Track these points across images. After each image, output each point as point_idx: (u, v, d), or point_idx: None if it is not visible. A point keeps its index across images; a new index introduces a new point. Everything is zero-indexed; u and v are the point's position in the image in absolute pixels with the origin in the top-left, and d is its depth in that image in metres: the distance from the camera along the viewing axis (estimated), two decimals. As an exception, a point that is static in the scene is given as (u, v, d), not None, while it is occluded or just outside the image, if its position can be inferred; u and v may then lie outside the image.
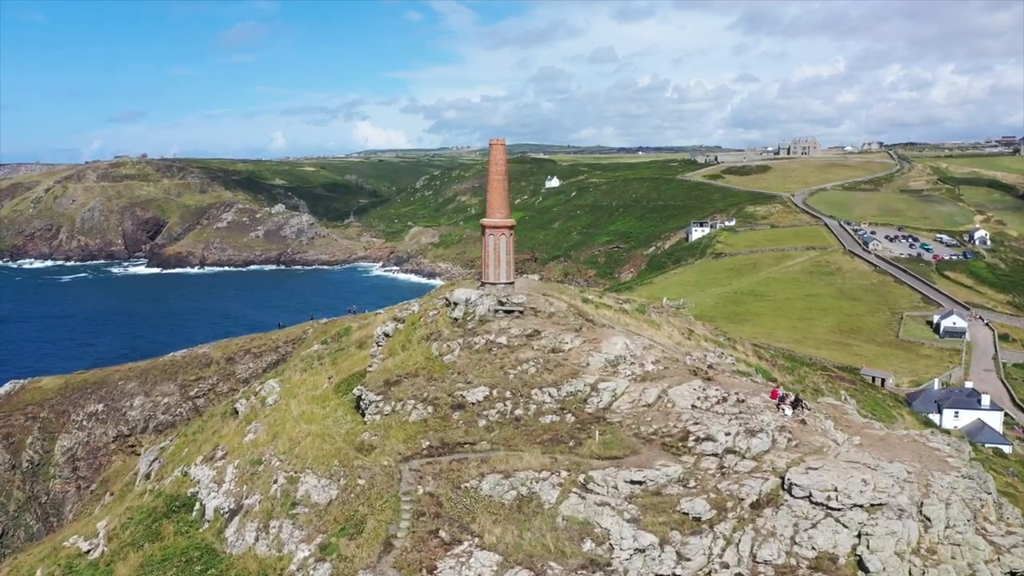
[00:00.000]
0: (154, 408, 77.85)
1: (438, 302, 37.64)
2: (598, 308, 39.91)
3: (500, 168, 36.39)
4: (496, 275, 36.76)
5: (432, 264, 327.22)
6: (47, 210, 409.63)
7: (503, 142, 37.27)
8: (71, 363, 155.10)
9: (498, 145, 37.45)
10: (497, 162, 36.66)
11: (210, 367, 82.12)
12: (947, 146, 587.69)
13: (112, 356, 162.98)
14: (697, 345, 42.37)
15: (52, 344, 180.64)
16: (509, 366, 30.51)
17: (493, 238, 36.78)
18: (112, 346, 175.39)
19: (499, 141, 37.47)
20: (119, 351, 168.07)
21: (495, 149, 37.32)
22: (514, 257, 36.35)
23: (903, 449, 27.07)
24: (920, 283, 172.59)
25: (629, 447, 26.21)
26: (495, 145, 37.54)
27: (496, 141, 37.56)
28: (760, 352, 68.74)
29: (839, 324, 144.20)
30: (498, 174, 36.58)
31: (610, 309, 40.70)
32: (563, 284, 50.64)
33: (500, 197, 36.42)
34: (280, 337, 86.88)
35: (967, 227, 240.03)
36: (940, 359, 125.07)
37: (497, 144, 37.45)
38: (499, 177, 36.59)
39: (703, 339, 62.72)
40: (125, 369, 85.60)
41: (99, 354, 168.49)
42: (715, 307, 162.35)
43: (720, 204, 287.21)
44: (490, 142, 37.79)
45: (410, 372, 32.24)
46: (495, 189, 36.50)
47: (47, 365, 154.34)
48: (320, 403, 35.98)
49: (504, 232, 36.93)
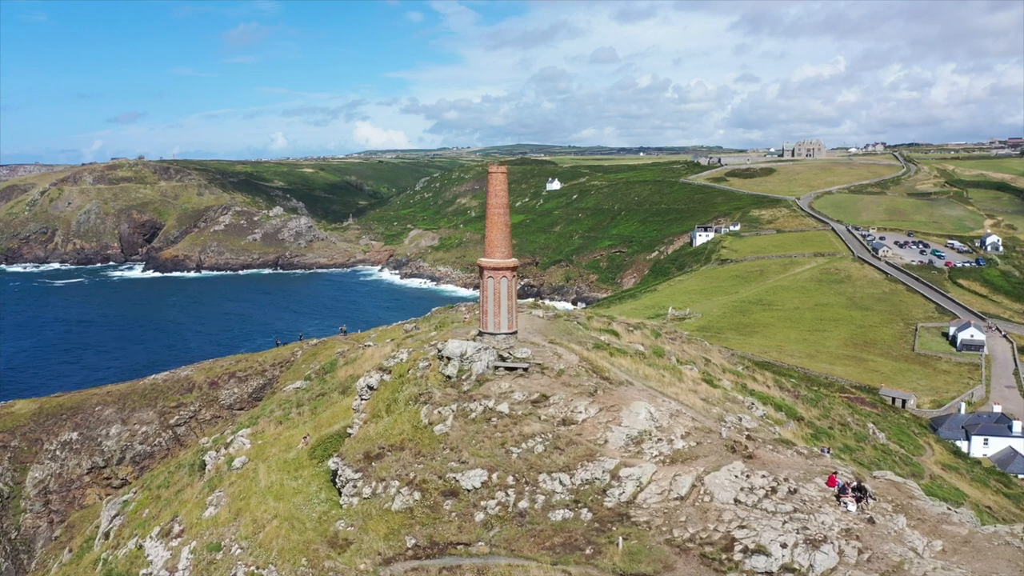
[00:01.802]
0: (131, 437, 72.91)
1: (429, 351, 32.69)
2: (613, 356, 34.99)
3: (501, 200, 31.11)
4: (496, 324, 31.62)
5: (432, 268, 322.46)
6: (42, 213, 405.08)
7: (504, 170, 31.70)
8: (56, 374, 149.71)
9: (498, 174, 31.79)
10: (497, 193, 31.35)
11: (192, 392, 77.15)
12: (951, 147, 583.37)
13: (100, 367, 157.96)
14: (724, 396, 37.45)
15: (38, 354, 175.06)
16: (512, 442, 25.57)
17: (493, 281, 31.51)
18: (100, 357, 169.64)
19: (499, 169, 31.87)
20: (107, 363, 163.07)
21: (494, 179, 31.75)
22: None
23: (996, 557, 22.12)
24: (933, 292, 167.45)
25: (660, 559, 21.27)
26: (495, 174, 31.87)
27: (496, 169, 31.95)
28: (781, 381, 63.83)
29: (852, 336, 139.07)
30: (498, 207, 31.25)
31: (626, 356, 35.76)
32: (571, 322, 45.52)
33: (500, 234, 31.14)
34: (268, 359, 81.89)
35: (977, 232, 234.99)
36: (959, 375, 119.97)
37: (497, 172, 31.82)
38: (500, 211, 31.28)
39: (722, 370, 57.76)
40: (103, 393, 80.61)
41: (88, 364, 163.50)
42: (722, 317, 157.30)
43: (724, 208, 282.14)
44: (489, 170, 32.22)
45: (395, 444, 27.35)
46: (495, 224, 31.21)
47: (30, 378, 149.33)
48: (292, 471, 31.17)
49: (506, 274, 31.53)
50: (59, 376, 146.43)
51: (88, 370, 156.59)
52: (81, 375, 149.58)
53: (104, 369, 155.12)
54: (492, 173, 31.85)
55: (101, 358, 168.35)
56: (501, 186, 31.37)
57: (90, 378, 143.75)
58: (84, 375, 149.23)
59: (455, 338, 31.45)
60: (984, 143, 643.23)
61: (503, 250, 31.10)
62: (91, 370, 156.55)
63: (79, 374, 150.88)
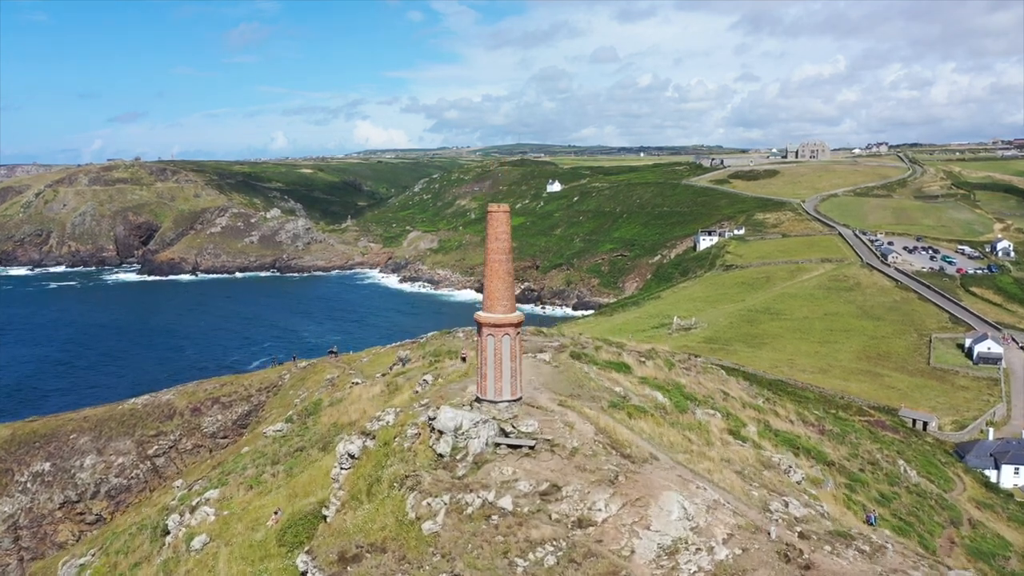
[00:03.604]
0: (107, 469, 68.28)
1: (420, 416, 28.02)
2: (632, 417, 30.36)
3: (502, 244, 26.11)
4: (497, 390, 26.78)
5: (430, 270, 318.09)
6: (37, 215, 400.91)
7: (506, 209, 26.81)
8: (36, 392, 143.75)
9: (499, 213, 26.78)
10: (498, 236, 26.33)
11: (173, 419, 72.52)
12: (955, 147, 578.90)
13: (83, 383, 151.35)
14: (758, 459, 32.80)
15: (20, 367, 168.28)
16: (516, 551, 20.95)
17: (493, 340, 26.40)
18: (84, 373, 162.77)
19: (501, 208, 26.84)
20: (92, 377, 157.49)
21: (495, 219, 26.68)
22: (515, 269, 26.54)
23: None
24: (945, 300, 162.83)
25: None
26: (496, 213, 26.84)
27: (497, 208, 26.91)
28: (803, 414, 59.22)
29: (864, 348, 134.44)
30: (499, 252, 26.19)
31: (646, 416, 31.05)
32: (580, 363, 40.79)
33: (502, 283, 26.20)
34: (254, 383, 77.26)
35: (987, 236, 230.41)
36: (977, 391, 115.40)
37: (498, 212, 26.79)
38: (501, 256, 26.26)
39: (743, 404, 53.20)
40: (80, 418, 75.95)
41: (71, 378, 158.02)
42: (729, 327, 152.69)
43: (728, 211, 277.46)
44: (489, 209, 27.26)
45: (375, 542, 22.82)
46: (495, 273, 26.21)
47: (6, 398, 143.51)
48: (257, 562, 26.69)
49: (508, 331, 26.51)
50: (38, 393, 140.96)
51: (70, 385, 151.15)
52: (61, 391, 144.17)
53: (86, 386, 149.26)
54: (492, 213, 27.06)
55: (86, 374, 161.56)
56: (503, 228, 26.12)
57: (71, 394, 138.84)
58: (65, 391, 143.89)
59: (448, 404, 26.74)
60: (987, 143, 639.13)
61: (505, 303, 26.37)
62: (73, 385, 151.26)
63: (60, 390, 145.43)
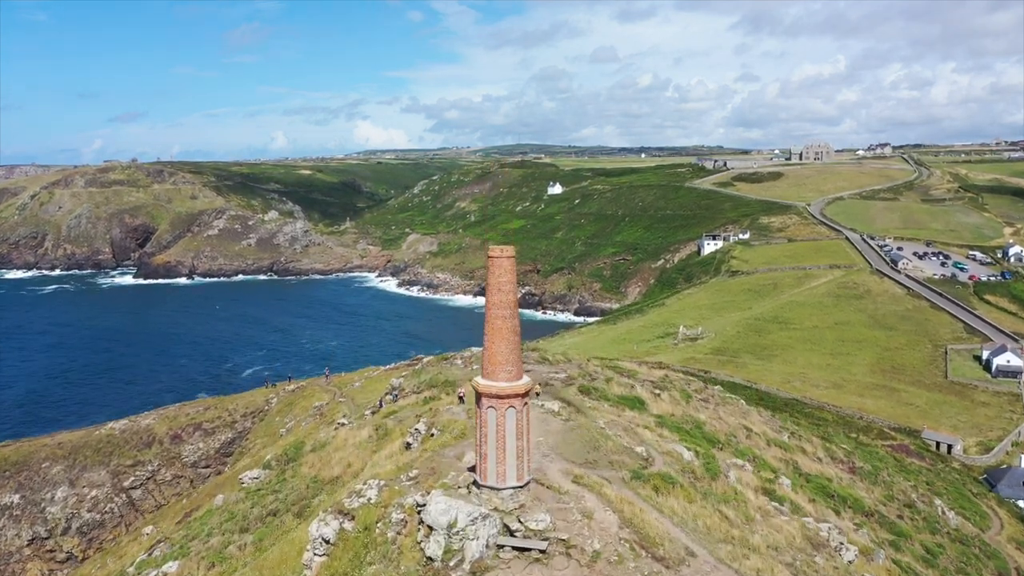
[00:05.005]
0: (79, 503, 63.64)
1: (407, 496, 23.30)
2: (659, 492, 25.75)
3: (506, 297, 20.75)
4: (500, 475, 21.69)
5: (430, 274, 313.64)
6: (32, 217, 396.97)
7: (511, 253, 21.25)
8: (17, 412, 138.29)
9: (503, 258, 21.25)
10: (501, 286, 20.93)
11: (151, 448, 67.88)
12: (958, 147, 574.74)
13: (66, 400, 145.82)
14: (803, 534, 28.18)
15: (3, 380, 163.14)
16: None
17: (495, 413, 21.19)
18: (69, 387, 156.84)
19: (505, 252, 21.27)
20: (75, 393, 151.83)
21: (498, 265, 21.25)
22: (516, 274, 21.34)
23: None
24: (959, 309, 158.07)
25: None
26: (498, 258, 21.37)
27: (500, 252, 21.38)
28: (831, 449, 54.60)
29: (878, 361, 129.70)
30: (503, 305, 20.48)
31: (675, 490, 26.39)
32: (594, 415, 36.04)
33: (506, 343, 20.93)
34: (239, 407, 72.57)
35: (998, 241, 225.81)
36: (999, 407, 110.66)
37: (501, 257, 21.24)
38: (504, 311, 20.68)
39: (767, 442, 48.58)
40: (54, 444, 71.23)
41: (54, 394, 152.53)
42: (737, 337, 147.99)
43: (732, 214, 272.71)
44: (489, 253, 21.76)
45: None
46: (498, 331, 20.83)
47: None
48: None
49: (514, 403, 21.22)
50: (22, 411, 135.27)
51: (56, 399, 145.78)
52: (44, 406, 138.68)
53: (73, 402, 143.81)
54: (494, 258, 21.59)
55: (71, 388, 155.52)
56: (507, 276, 21.14)
57: (53, 410, 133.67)
58: (48, 406, 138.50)
59: (441, 489, 21.93)
60: (989, 143, 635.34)
61: (510, 367, 21.21)
62: (58, 400, 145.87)
63: (42, 405, 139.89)
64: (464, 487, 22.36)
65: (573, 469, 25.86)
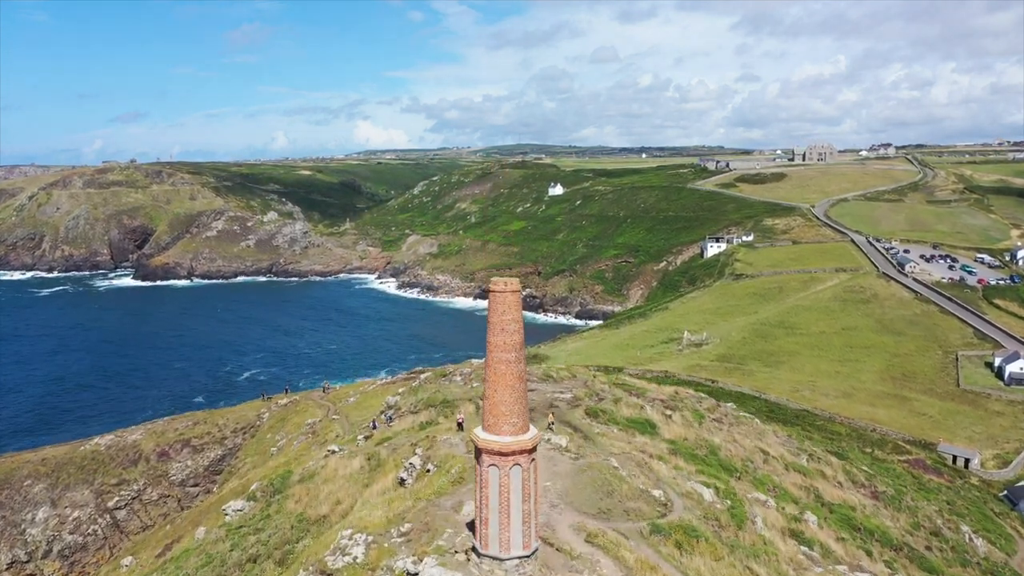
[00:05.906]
0: (61, 525, 60.84)
1: (396, 560, 20.55)
2: (683, 551, 22.98)
3: (511, 338, 17.63)
4: (503, 544, 18.60)
5: (430, 276, 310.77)
6: (30, 218, 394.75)
7: (516, 288, 18.36)
8: (15, 419, 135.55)
9: (507, 293, 18.29)
10: (505, 326, 17.79)
11: (137, 465, 65.08)
12: (961, 148, 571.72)
13: (55, 409, 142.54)
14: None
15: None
16: None
17: (498, 472, 18.30)
18: (60, 397, 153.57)
19: (509, 287, 18.37)
20: (66, 402, 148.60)
21: (500, 301, 18.36)
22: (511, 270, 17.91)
23: None
24: (968, 313, 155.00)
25: None
26: (501, 294, 18.36)
27: (502, 287, 18.41)
28: (852, 473, 51.75)
29: (888, 368, 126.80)
30: (506, 348, 17.29)
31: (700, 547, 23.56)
32: (605, 451, 33.16)
33: (510, 393, 17.75)
34: (229, 422, 69.76)
35: (1006, 244, 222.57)
36: (1014, 417, 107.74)
37: (505, 292, 18.29)
38: (508, 355, 17.37)
39: (785, 466, 45.69)
40: (37, 460, 68.43)
41: (53, 398, 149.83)
42: (743, 343, 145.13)
43: (735, 216, 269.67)
44: (492, 288, 18.72)
45: None
46: (501, 378, 17.64)
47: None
48: None
49: (520, 460, 18.34)
50: (17, 421, 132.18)
51: (49, 407, 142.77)
52: (33, 417, 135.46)
53: (63, 409, 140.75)
54: (496, 293, 18.52)
55: (64, 395, 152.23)
56: (511, 314, 18.25)
57: (42, 420, 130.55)
58: (37, 416, 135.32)
59: (435, 558, 19.11)
60: (991, 143, 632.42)
61: (515, 419, 18.30)
62: (52, 407, 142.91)
63: (31, 416, 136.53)
64: (462, 552, 19.55)
65: (586, 523, 23.07)
